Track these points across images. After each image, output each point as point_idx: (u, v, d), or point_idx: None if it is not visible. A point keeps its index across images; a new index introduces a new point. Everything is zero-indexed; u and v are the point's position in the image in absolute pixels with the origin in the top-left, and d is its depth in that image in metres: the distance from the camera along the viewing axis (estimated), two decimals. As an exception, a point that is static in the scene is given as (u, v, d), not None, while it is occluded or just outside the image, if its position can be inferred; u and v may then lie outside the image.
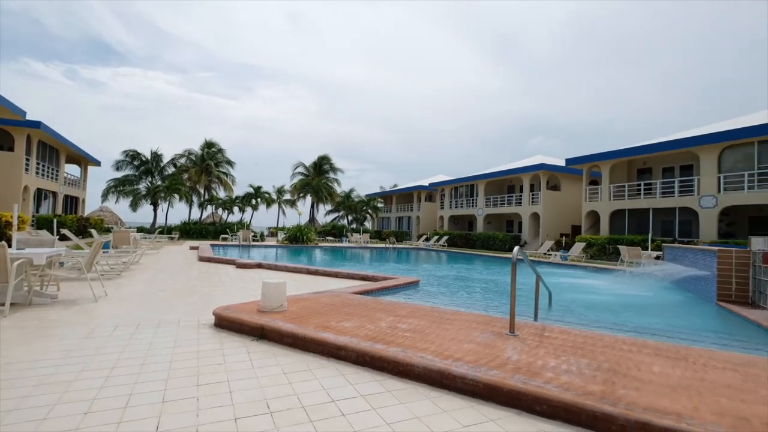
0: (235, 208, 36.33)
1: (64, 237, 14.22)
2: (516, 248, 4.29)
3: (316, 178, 39.50)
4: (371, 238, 33.06)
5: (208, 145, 36.46)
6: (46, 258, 5.20)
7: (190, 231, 29.38)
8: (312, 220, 41.25)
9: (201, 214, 36.86)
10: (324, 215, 43.80)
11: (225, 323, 4.41)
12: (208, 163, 34.84)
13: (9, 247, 5.03)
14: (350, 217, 42.50)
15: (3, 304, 4.76)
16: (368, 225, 44.62)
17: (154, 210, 33.30)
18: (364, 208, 42.20)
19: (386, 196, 48.38)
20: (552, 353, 3.48)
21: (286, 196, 39.69)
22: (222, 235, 26.39)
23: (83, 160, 32.34)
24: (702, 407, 2.45)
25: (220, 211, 37.83)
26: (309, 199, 40.05)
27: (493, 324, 4.53)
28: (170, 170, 35.30)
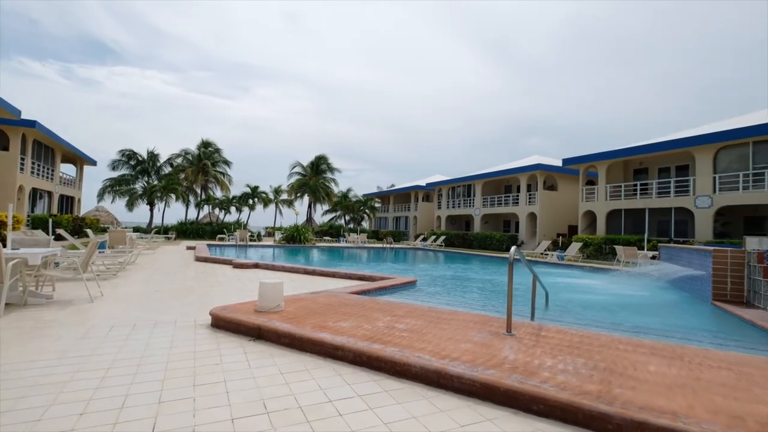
0: (232, 208, 36.25)
1: (59, 237, 14.12)
2: (513, 248, 4.30)
3: (314, 178, 39.45)
4: (368, 238, 33.03)
5: (205, 144, 36.34)
6: (41, 258, 5.17)
7: (186, 231, 29.28)
8: (309, 220, 41.17)
9: (198, 214, 36.77)
10: (321, 215, 43.80)
11: (222, 323, 4.40)
12: (204, 163, 34.72)
13: (4, 247, 5.00)
14: (347, 217, 42.48)
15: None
16: (365, 225, 44.60)
17: (151, 210, 33.21)
18: (361, 208, 42.19)
19: (383, 196, 48.38)
20: (549, 353, 3.49)
21: (284, 196, 39.60)
22: (219, 235, 26.32)
23: (79, 159, 32.15)
24: (697, 406, 2.47)
25: (216, 211, 37.74)
26: (306, 199, 40.01)
27: (490, 324, 4.54)
28: (167, 170, 35.21)
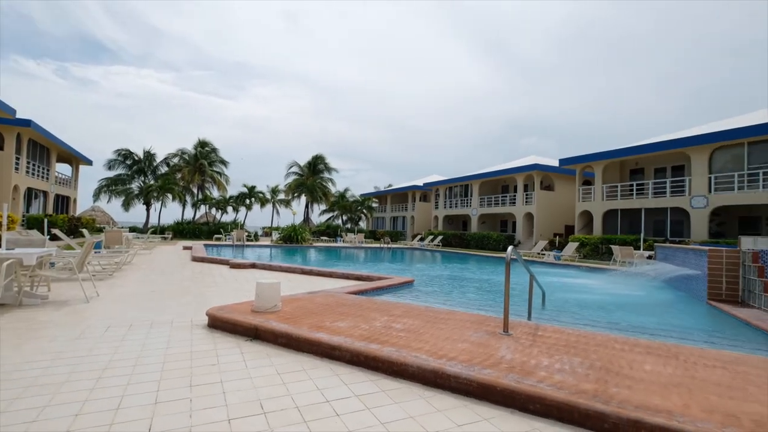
0: (229, 208, 36.15)
1: (54, 237, 14.04)
2: (510, 248, 4.31)
3: (311, 178, 39.38)
4: (366, 238, 33.04)
5: (202, 144, 36.19)
6: (36, 258, 5.13)
7: (183, 231, 29.18)
8: (306, 219, 41.10)
9: (194, 214, 36.62)
10: (318, 215, 43.71)
11: (219, 324, 4.39)
12: (201, 163, 34.59)
13: (-2, 247, 4.97)
14: (345, 217, 42.43)
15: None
16: (363, 225, 44.59)
17: (147, 210, 33.05)
18: (358, 208, 42.16)
19: (381, 196, 48.37)
20: (545, 352, 3.50)
21: (281, 196, 39.53)
22: (216, 235, 26.23)
23: (75, 159, 31.98)
24: (692, 405, 2.48)
25: (213, 210, 37.60)
26: (303, 198, 39.90)
27: (487, 323, 4.55)
28: (163, 169, 35.04)
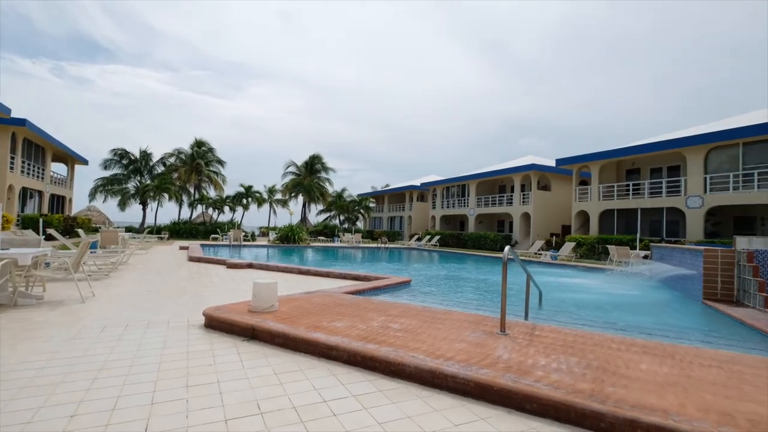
0: (226, 208, 36.00)
1: (50, 237, 13.96)
2: (507, 248, 4.32)
3: (308, 178, 39.31)
4: (363, 237, 33.00)
5: (198, 144, 36.07)
6: (31, 258, 5.10)
7: (179, 231, 29.04)
8: (303, 219, 41.04)
9: (191, 214, 36.48)
10: (316, 215, 43.64)
11: (215, 324, 4.37)
12: (198, 162, 34.47)
13: (-7, 247, 4.93)
14: (342, 217, 42.38)
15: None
16: (360, 225, 44.54)
17: (143, 209, 32.89)
18: (356, 208, 42.11)
19: (378, 196, 48.36)
20: (542, 352, 3.51)
21: (278, 196, 39.43)
22: (212, 235, 26.13)
23: (70, 158, 31.77)
24: (688, 404, 2.50)
25: (210, 210, 37.47)
26: (300, 198, 39.84)
27: (484, 323, 4.56)
28: (159, 169, 34.86)
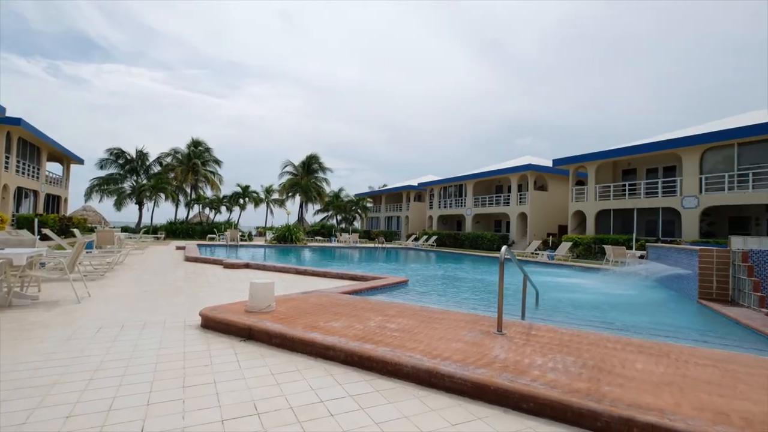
0: (223, 208, 35.89)
1: (45, 237, 13.86)
2: (504, 248, 4.33)
3: (305, 178, 39.24)
4: (360, 237, 33.01)
5: (195, 143, 35.91)
6: (26, 258, 5.06)
7: (176, 231, 28.95)
8: (301, 219, 40.97)
9: (188, 214, 36.35)
10: (313, 215, 43.57)
11: (212, 324, 4.36)
12: (194, 162, 34.33)
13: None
14: (339, 217, 42.35)
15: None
16: (357, 225, 44.48)
17: (140, 209, 32.76)
18: (353, 207, 42.08)
19: (375, 196, 48.36)
20: (539, 351, 3.52)
21: (275, 196, 39.32)
22: (209, 235, 26.06)
23: (66, 158, 31.59)
24: (683, 403, 2.51)
25: (207, 210, 37.34)
26: (298, 198, 39.75)
27: (481, 323, 4.57)
28: (156, 169, 34.75)
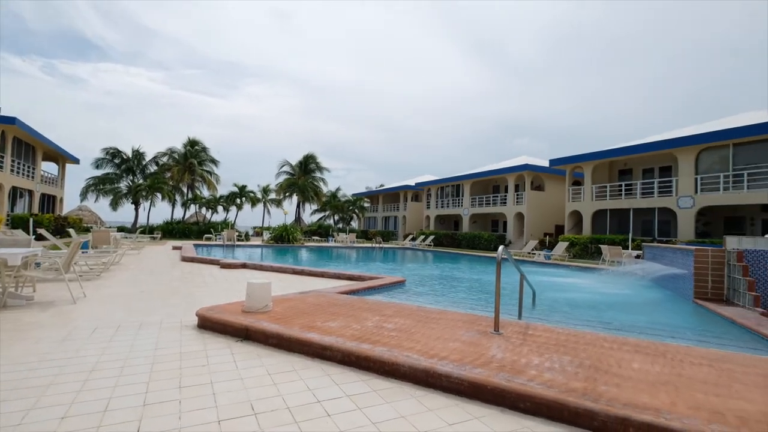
0: (220, 208, 35.80)
1: (40, 237, 13.77)
2: (501, 248, 4.34)
3: (302, 178, 39.18)
4: (357, 237, 32.98)
5: (192, 143, 35.74)
6: (21, 258, 5.02)
7: (172, 230, 28.82)
8: (298, 219, 40.88)
9: (184, 214, 36.19)
10: (310, 215, 43.50)
11: (208, 324, 4.34)
12: (191, 162, 34.19)
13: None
14: (336, 217, 42.32)
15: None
16: (354, 225, 44.47)
17: (136, 209, 32.60)
18: (350, 207, 42.06)
19: (372, 196, 48.32)
20: (535, 351, 3.53)
21: (272, 196, 39.23)
22: (206, 235, 25.96)
23: (61, 157, 31.38)
24: (679, 402, 2.52)
25: (203, 210, 37.23)
26: (295, 198, 39.70)
27: (478, 323, 4.58)
28: (152, 168, 34.58)
